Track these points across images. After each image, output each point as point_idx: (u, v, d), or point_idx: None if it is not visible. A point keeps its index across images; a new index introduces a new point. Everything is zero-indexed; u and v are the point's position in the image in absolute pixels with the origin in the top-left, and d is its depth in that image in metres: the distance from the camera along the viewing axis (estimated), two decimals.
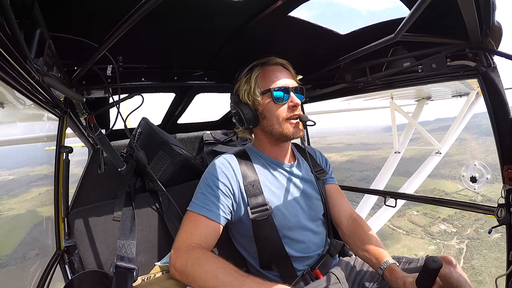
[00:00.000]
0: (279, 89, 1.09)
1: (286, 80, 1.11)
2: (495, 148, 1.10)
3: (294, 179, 1.17)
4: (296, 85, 1.13)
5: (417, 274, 0.83)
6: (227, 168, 1.08)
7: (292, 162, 1.21)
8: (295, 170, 1.19)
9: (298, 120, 1.11)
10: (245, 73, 1.14)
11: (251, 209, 1.03)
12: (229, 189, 1.05)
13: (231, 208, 1.05)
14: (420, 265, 1.04)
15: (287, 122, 1.09)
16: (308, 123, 1.13)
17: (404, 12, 0.96)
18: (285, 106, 1.09)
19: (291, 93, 1.09)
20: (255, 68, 1.14)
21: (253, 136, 1.24)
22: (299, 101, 1.10)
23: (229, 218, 1.05)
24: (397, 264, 0.99)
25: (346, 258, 1.25)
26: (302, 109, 1.98)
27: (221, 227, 1.02)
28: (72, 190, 1.31)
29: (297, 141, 1.33)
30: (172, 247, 0.96)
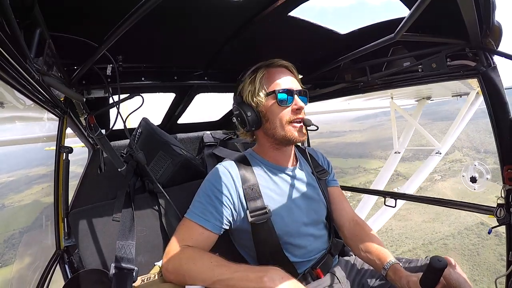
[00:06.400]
0: (284, 91, 1.07)
1: (290, 83, 1.09)
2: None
3: (296, 182, 1.16)
4: (300, 88, 1.11)
5: (421, 273, 0.82)
6: (226, 176, 1.07)
7: (294, 165, 1.20)
8: (297, 172, 1.18)
9: (301, 124, 1.08)
10: (249, 74, 1.12)
11: (250, 212, 1.03)
12: (228, 199, 1.04)
13: (230, 218, 1.04)
14: (420, 265, 1.04)
15: (290, 125, 1.07)
16: (311, 127, 1.10)
17: (403, 11, 0.97)
18: (289, 108, 1.07)
19: (295, 96, 1.07)
20: (260, 69, 1.12)
21: (255, 140, 1.22)
22: (303, 105, 1.08)
23: (227, 228, 1.05)
24: (400, 263, 0.99)
25: (346, 258, 1.24)
26: None
27: (216, 237, 1.02)
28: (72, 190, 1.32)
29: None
30: (165, 252, 0.96)
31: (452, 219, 24.29)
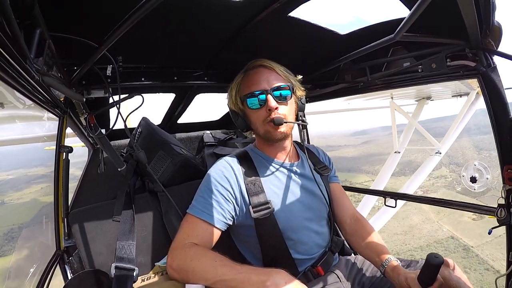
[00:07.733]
0: (253, 95, 1.08)
1: (263, 83, 1.08)
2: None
3: (297, 178, 1.16)
4: (278, 83, 1.08)
5: (419, 270, 0.83)
6: (228, 171, 1.08)
7: (294, 161, 1.20)
8: (297, 169, 1.18)
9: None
10: (233, 81, 1.17)
11: (253, 207, 1.03)
12: (230, 193, 1.04)
13: (233, 213, 1.04)
14: (419, 267, 1.05)
15: (267, 125, 1.08)
16: (300, 122, 1.12)
17: (403, 12, 0.96)
18: (263, 109, 1.08)
19: (268, 96, 1.06)
20: (239, 75, 1.16)
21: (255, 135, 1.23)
22: (273, 105, 1.05)
23: (230, 223, 1.04)
24: (399, 261, 0.99)
25: (346, 257, 1.25)
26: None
27: (220, 232, 1.01)
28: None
29: (297, 140, 1.33)
30: (169, 249, 0.97)
31: (424, 233, 25.04)
